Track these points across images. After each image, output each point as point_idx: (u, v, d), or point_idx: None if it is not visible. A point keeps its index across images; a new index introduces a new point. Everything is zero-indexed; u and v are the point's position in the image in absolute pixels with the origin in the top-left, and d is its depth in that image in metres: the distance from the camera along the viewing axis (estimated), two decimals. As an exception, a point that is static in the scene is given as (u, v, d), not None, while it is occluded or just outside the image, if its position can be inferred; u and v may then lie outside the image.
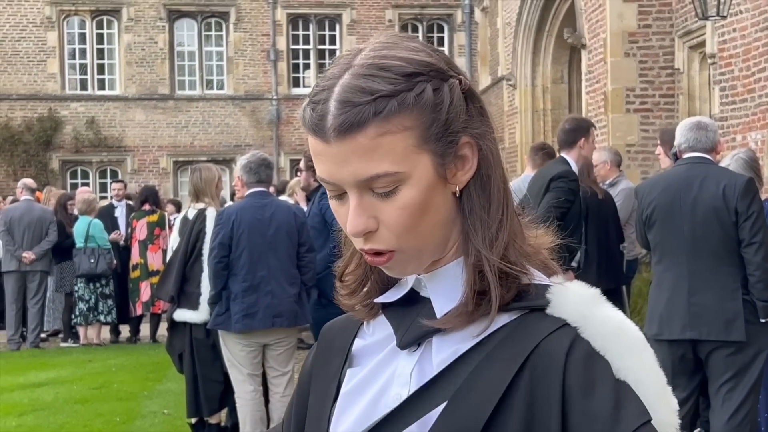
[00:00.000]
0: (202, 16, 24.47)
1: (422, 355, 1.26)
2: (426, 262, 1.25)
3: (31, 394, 9.38)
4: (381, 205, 1.20)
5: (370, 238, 1.21)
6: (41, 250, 12.60)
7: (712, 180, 5.24)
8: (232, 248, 6.31)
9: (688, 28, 11.79)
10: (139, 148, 23.96)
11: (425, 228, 1.22)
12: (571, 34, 13.88)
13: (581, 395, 1.14)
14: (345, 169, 1.18)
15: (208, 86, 24.65)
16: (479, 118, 1.25)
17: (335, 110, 1.17)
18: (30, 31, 23.55)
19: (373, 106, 1.16)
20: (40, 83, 23.66)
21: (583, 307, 1.21)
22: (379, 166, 1.17)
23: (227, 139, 24.19)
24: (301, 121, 1.23)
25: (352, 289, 1.36)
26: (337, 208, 1.24)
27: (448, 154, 1.21)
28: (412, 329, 1.27)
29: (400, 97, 1.17)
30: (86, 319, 12.61)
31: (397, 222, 1.19)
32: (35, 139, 23.18)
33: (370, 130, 1.16)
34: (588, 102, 13.24)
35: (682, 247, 5.28)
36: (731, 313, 5.11)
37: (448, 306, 1.25)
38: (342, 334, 1.41)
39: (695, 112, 11.97)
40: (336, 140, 1.17)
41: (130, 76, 23.95)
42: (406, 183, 1.19)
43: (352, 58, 1.22)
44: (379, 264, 1.23)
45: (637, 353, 1.18)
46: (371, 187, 1.19)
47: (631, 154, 11.94)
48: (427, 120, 1.19)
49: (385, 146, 1.17)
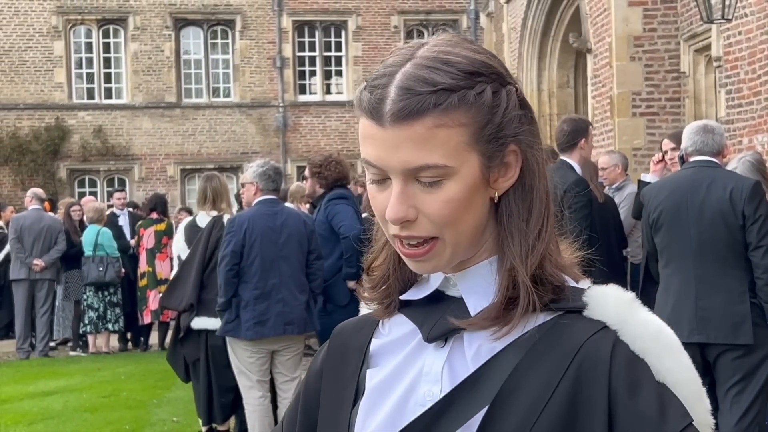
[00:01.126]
0: (208, 24, 24.53)
1: (452, 351, 1.27)
2: (457, 259, 1.26)
3: (41, 403, 9.40)
4: (423, 196, 1.21)
5: (408, 226, 1.22)
6: (51, 258, 12.66)
7: (719, 183, 5.23)
8: (243, 256, 6.32)
9: (693, 31, 11.78)
10: (147, 156, 24.00)
11: (463, 225, 1.23)
12: (577, 38, 13.88)
13: (627, 396, 1.16)
14: (395, 155, 1.19)
15: (214, 94, 24.68)
16: (529, 128, 1.27)
17: (395, 96, 1.19)
18: (37, 40, 23.62)
19: (434, 98, 1.18)
20: (47, 92, 23.72)
21: (622, 310, 1.23)
22: (430, 157, 1.19)
23: (234, 147, 24.22)
24: (356, 103, 1.24)
25: (375, 283, 1.36)
26: (374, 193, 1.25)
27: (495, 158, 1.23)
28: (441, 324, 1.27)
29: (460, 93, 1.19)
30: (96, 328, 12.64)
31: (440, 214, 1.21)
32: (43, 148, 23.23)
33: (428, 120, 1.18)
34: (594, 106, 13.23)
35: (689, 250, 5.27)
36: (739, 317, 5.11)
37: (482, 304, 1.26)
38: (357, 335, 1.40)
39: (701, 116, 11.95)
40: (392, 125, 1.19)
41: (137, 85, 24.00)
42: (452, 178, 1.20)
43: (415, 50, 1.24)
44: (417, 257, 1.23)
45: (674, 356, 1.22)
46: (417, 177, 1.20)
47: (638, 158, 11.93)
48: (483, 120, 1.21)
49: (439, 138, 1.19)
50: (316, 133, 24.55)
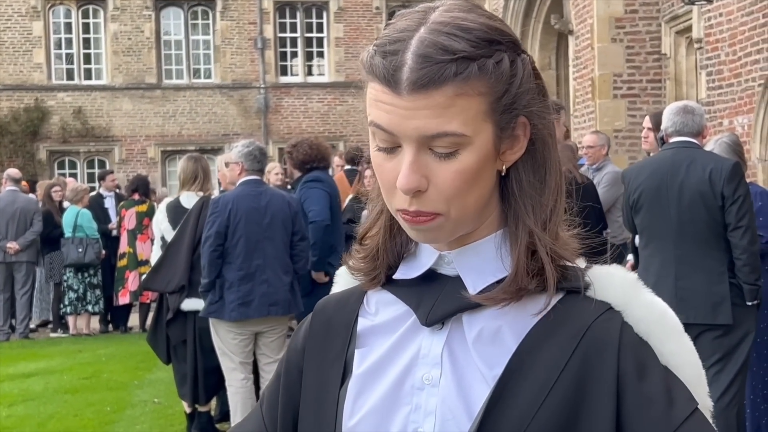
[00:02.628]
0: (189, 5, 24.38)
1: (450, 334, 1.24)
2: (459, 232, 1.23)
3: (21, 385, 9.38)
4: (436, 167, 1.17)
5: (418, 197, 1.18)
6: (26, 240, 12.57)
7: (699, 164, 5.25)
8: (227, 236, 6.30)
9: (674, 13, 11.81)
10: (127, 137, 23.89)
11: (471, 197, 1.20)
12: (558, 20, 13.88)
13: (636, 379, 1.16)
14: (411, 123, 1.16)
15: (195, 75, 24.57)
16: (542, 99, 1.24)
17: (413, 63, 1.15)
18: (15, 21, 23.43)
19: (455, 66, 1.15)
20: (26, 73, 23.55)
21: (627, 292, 1.22)
22: (448, 125, 1.15)
23: (215, 128, 24.14)
24: (366, 67, 1.20)
25: (366, 253, 1.33)
26: (381, 161, 1.21)
27: (506, 129, 1.20)
28: (439, 306, 1.25)
29: (480, 62, 1.16)
30: (75, 309, 12.60)
31: (451, 185, 1.17)
32: (22, 129, 23.09)
33: (448, 89, 1.15)
34: (575, 88, 13.26)
35: (669, 231, 5.30)
36: (718, 297, 5.15)
37: (481, 283, 1.23)
38: (341, 312, 1.36)
39: (682, 97, 11.98)
40: (410, 94, 1.15)
41: (117, 66, 23.86)
42: (467, 148, 1.17)
43: (426, 14, 1.20)
44: (418, 224, 1.20)
45: (677, 338, 1.22)
46: (431, 146, 1.17)
47: (619, 140, 11.97)
48: (501, 90, 1.18)
49: (458, 107, 1.15)
50: (297, 115, 24.49)
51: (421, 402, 1.23)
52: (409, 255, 1.32)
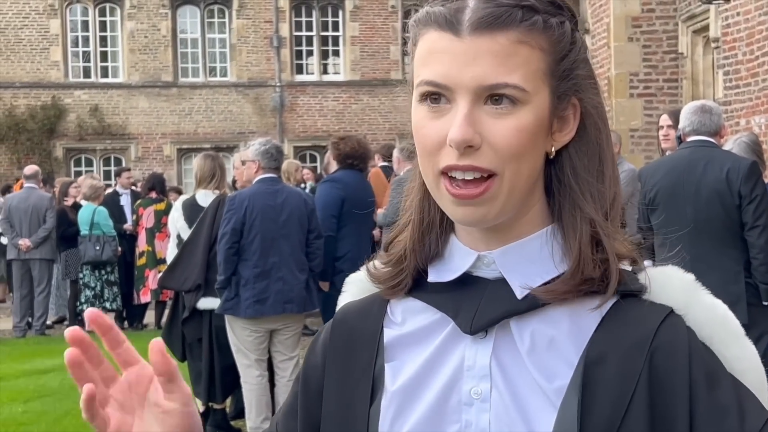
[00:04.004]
0: (205, 3, 24.43)
1: (497, 342, 1.14)
2: (508, 211, 1.12)
3: (37, 381, 9.42)
4: (491, 123, 1.09)
5: (470, 154, 1.08)
6: (38, 237, 12.60)
7: (716, 163, 5.24)
8: (243, 234, 6.32)
9: (691, 12, 11.76)
10: (143, 135, 23.96)
11: (526, 164, 1.11)
12: (575, 18, 13.85)
13: (707, 388, 1.09)
14: (471, 69, 1.08)
15: (211, 73, 24.63)
16: (593, 83, 1.17)
17: (476, 4, 1.09)
18: (33, 18, 23.53)
19: (521, 12, 1.09)
20: (43, 71, 23.65)
21: (687, 293, 1.15)
22: (510, 76, 1.08)
23: (231, 127, 24.18)
24: (420, 19, 1.15)
25: (390, 259, 1.24)
26: (426, 122, 1.12)
27: (562, 100, 1.13)
28: (484, 311, 1.14)
29: (545, 16, 1.11)
30: (92, 306, 12.63)
31: (509, 143, 1.08)
32: (39, 127, 23.19)
33: (513, 34, 1.08)
34: (592, 87, 13.21)
35: (685, 230, 5.29)
36: (734, 296, 5.12)
37: (532, 284, 1.13)
38: (363, 323, 1.25)
39: (699, 97, 11.94)
40: (472, 34, 1.08)
41: (134, 64, 23.93)
42: (526, 105, 1.09)
43: None
44: (470, 198, 1.09)
45: (740, 343, 1.15)
46: (488, 100, 1.09)
47: (635, 139, 11.94)
48: (561, 52, 1.12)
49: (521, 56, 1.09)
50: (312, 113, 24.52)
51: (471, 419, 1.13)
52: (437, 260, 1.21)
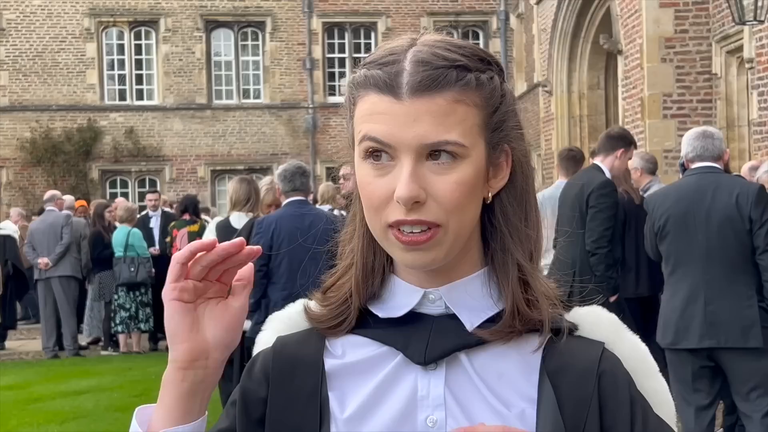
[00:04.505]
0: (239, 26, 24.64)
1: (448, 373, 1.20)
2: (452, 255, 1.18)
3: (73, 402, 9.48)
4: (434, 179, 1.14)
5: (417, 209, 1.13)
6: (55, 254, 12.67)
7: (725, 189, 5.26)
8: (271, 257, 6.34)
9: (725, 32, 11.70)
10: (177, 157, 24.15)
11: (468, 214, 1.18)
12: (607, 39, 13.83)
13: (641, 412, 1.19)
14: (412, 129, 1.12)
15: (244, 95, 24.80)
16: (519, 129, 1.24)
17: (413, 69, 1.14)
18: (69, 42, 23.84)
19: (455, 72, 1.14)
20: (79, 94, 23.93)
21: (615, 332, 1.25)
22: (449, 134, 1.13)
23: (264, 148, 24.32)
24: (358, 82, 1.18)
25: (335, 301, 1.28)
26: (371, 179, 1.17)
27: (495, 150, 1.19)
28: (435, 344, 1.20)
29: (476, 74, 1.16)
30: (127, 328, 12.73)
31: (451, 197, 1.14)
32: (75, 149, 23.45)
33: (449, 94, 1.13)
34: (625, 108, 13.18)
35: (697, 256, 5.29)
36: (748, 320, 5.14)
37: (476, 319, 1.20)
38: (304, 349, 1.28)
39: (733, 117, 11.88)
40: (411, 97, 1.13)
41: (168, 86, 24.16)
42: (465, 160, 1.15)
43: (413, 39, 1.20)
44: (418, 244, 1.14)
45: (657, 378, 1.25)
46: (430, 157, 1.14)
47: (669, 160, 11.87)
48: (492, 106, 1.18)
49: (458, 114, 1.14)
50: (345, 135, 24.57)
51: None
52: (377, 300, 1.26)
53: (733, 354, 5.19)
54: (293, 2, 24.49)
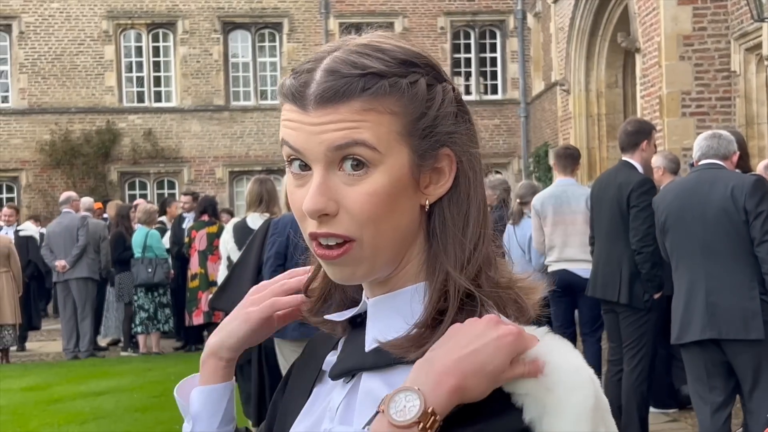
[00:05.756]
0: (256, 28, 24.69)
1: (351, 390, 1.18)
2: (378, 269, 1.14)
3: (93, 403, 9.53)
4: (346, 190, 1.10)
5: (327, 221, 1.10)
6: (72, 256, 12.74)
7: (721, 182, 5.32)
8: (287, 257, 6.35)
9: (744, 30, 11.64)
10: (196, 158, 24.23)
11: (387, 225, 1.11)
12: (625, 38, 13.78)
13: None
14: (319, 138, 1.10)
15: (262, 96, 24.85)
16: (466, 130, 1.17)
17: (320, 78, 1.11)
18: (88, 45, 23.95)
19: (363, 81, 1.10)
20: (98, 96, 24.04)
21: None
22: (358, 134, 1.09)
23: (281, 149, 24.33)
24: (278, 90, 1.16)
25: (313, 303, 1.28)
26: (294, 189, 1.15)
27: (427, 158, 1.13)
28: (345, 359, 1.20)
29: (392, 80, 1.11)
30: (146, 329, 12.79)
31: (362, 209, 1.09)
32: (94, 151, 23.56)
33: (355, 104, 1.09)
34: (643, 106, 13.13)
35: (696, 250, 5.34)
36: (749, 312, 5.16)
37: (382, 337, 1.14)
38: (322, 345, 1.31)
39: (752, 115, 11.82)
40: (316, 108, 1.10)
41: (186, 88, 24.24)
42: (378, 168, 1.10)
43: (348, 40, 1.17)
44: (330, 258, 1.12)
45: None
46: (340, 166, 1.10)
47: (688, 158, 11.81)
48: (416, 112, 1.12)
49: (369, 121, 1.09)
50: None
51: None
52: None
53: (735, 346, 5.21)
54: (310, 3, 24.52)
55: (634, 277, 6.36)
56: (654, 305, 6.41)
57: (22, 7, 23.67)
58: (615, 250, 6.47)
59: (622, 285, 6.40)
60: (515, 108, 24.13)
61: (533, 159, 21.64)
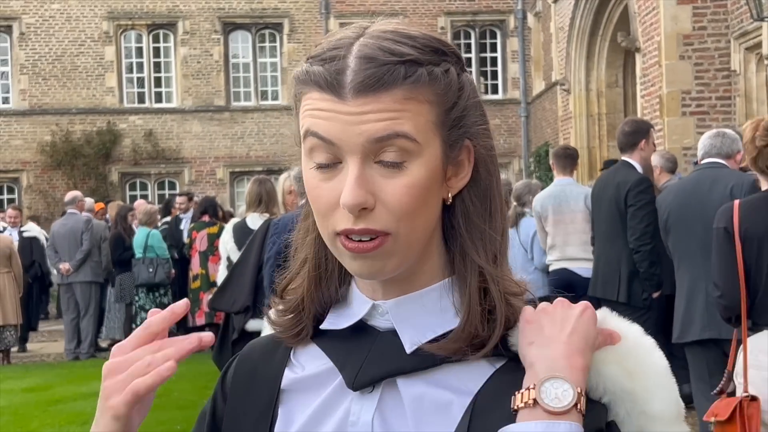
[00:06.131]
0: (256, 28, 24.70)
1: (382, 398, 1.11)
2: (405, 264, 1.09)
3: (93, 403, 9.42)
4: (383, 183, 1.05)
5: (365, 216, 1.05)
6: (76, 260, 12.75)
7: (721, 182, 5.32)
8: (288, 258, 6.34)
9: (744, 29, 11.65)
10: (196, 159, 24.23)
11: (420, 219, 1.08)
12: (625, 37, 13.78)
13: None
14: (358, 128, 1.04)
15: (263, 97, 24.85)
16: (485, 125, 1.15)
17: (357, 66, 1.05)
18: (88, 46, 23.95)
19: (404, 68, 1.05)
20: (98, 97, 24.04)
21: None
22: (399, 126, 1.04)
23: (282, 149, 24.35)
24: (301, 78, 1.11)
25: (287, 306, 1.21)
26: (318, 182, 1.08)
27: (454, 148, 1.10)
28: (369, 367, 1.12)
29: (428, 68, 1.07)
30: (147, 329, 12.78)
31: (401, 201, 1.05)
32: (95, 152, 23.56)
33: (398, 92, 1.05)
34: (643, 105, 13.13)
35: (697, 249, 5.34)
36: None
37: (419, 338, 1.11)
38: (268, 361, 1.22)
39: (753, 114, 11.81)
40: (355, 97, 1.04)
41: (187, 89, 24.24)
42: (417, 160, 1.06)
43: (364, 28, 1.12)
44: (363, 252, 1.06)
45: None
46: (378, 158, 1.05)
47: (688, 158, 11.81)
48: (449, 102, 1.09)
49: (409, 111, 1.05)
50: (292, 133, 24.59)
51: None
52: (338, 305, 1.19)
53: None
54: (310, 3, 24.52)
55: (633, 276, 6.37)
56: (653, 304, 6.42)
57: (22, 8, 23.68)
58: (614, 249, 6.49)
59: (621, 284, 6.41)
60: (516, 108, 24.12)
61: (534, 159, 21.63)
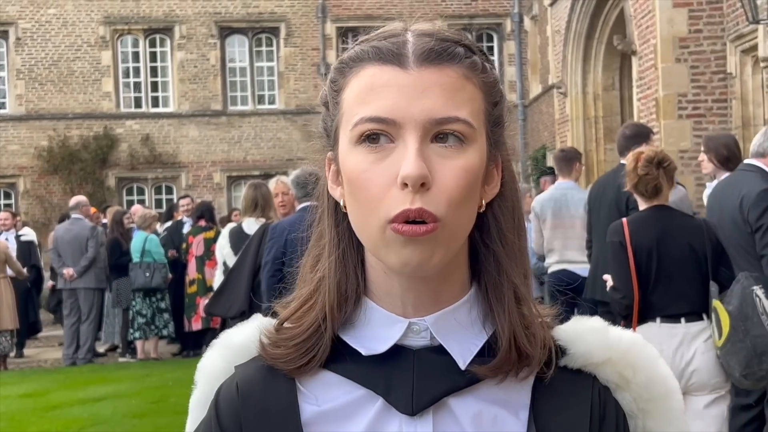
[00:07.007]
0: (253, 32, 24.70)
1: (436, 420, 1.06)
2: (445, 261, 1.04)
3: (91, 409, 9.52)
4: (439, 163, 1.01)
5: (423, 194, 1.00)
6: (80, 267, 12.75)
7: (736, 190, 5.30)
8: (285, 263, 6.34)
9: (739, 32, 11.65)
10: (193, 163, 24.22)
11: (465, 213, 1.04)
12: (621, 40, 13.79)
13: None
14: (420, 103, 1.01)
15: (259, 101, 24.85)
16: (505, 141, 1.13)
17: (418, 40, 1.05)
18: (85, 51, 23.94)
19: (463, 49, 1.05)
20: (95, 102, 24.03)
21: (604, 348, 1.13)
22: (459, 110, 1.02)
23: (279, 153, 24.35)
24: (353, 57, 1.08)
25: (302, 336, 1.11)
26: (368, 165, 1.03)
27: (493, 150, 1.09)
28: (423, 389, 1.06)
29: (482, 57, 1.08)
30: (144, 334, 12.77)
31: (457, 184, 1.01)
32: (92, 157, 23.55)
33: (459, 68, 1.04)
34: (640, 108, 13.14)
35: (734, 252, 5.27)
36: None
37: (467, 354, 1.07)
38: (273, 394, 1.11)
39: (749, 117, 11.82)
40: (419, 66, 1.03)
41: (183, 93, 24.24)
42: (472, 145, 1.03)
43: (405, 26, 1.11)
44: (417, 235, 1.00)
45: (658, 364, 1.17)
46: (435, 137, 1.02)
47: (685, 160, 11.81)
48: (494, 98, 1.08)
49: (468, 92, 1.04)
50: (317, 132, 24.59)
51: None
52: (350, 328, 1.11)
53: None
54: (307, 8, 24.52)
55: None
56: None
57: (18, 13, 23.66)
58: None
59: None
60: (513, 111, 24.14)
61: (531, 162, 21.64)
